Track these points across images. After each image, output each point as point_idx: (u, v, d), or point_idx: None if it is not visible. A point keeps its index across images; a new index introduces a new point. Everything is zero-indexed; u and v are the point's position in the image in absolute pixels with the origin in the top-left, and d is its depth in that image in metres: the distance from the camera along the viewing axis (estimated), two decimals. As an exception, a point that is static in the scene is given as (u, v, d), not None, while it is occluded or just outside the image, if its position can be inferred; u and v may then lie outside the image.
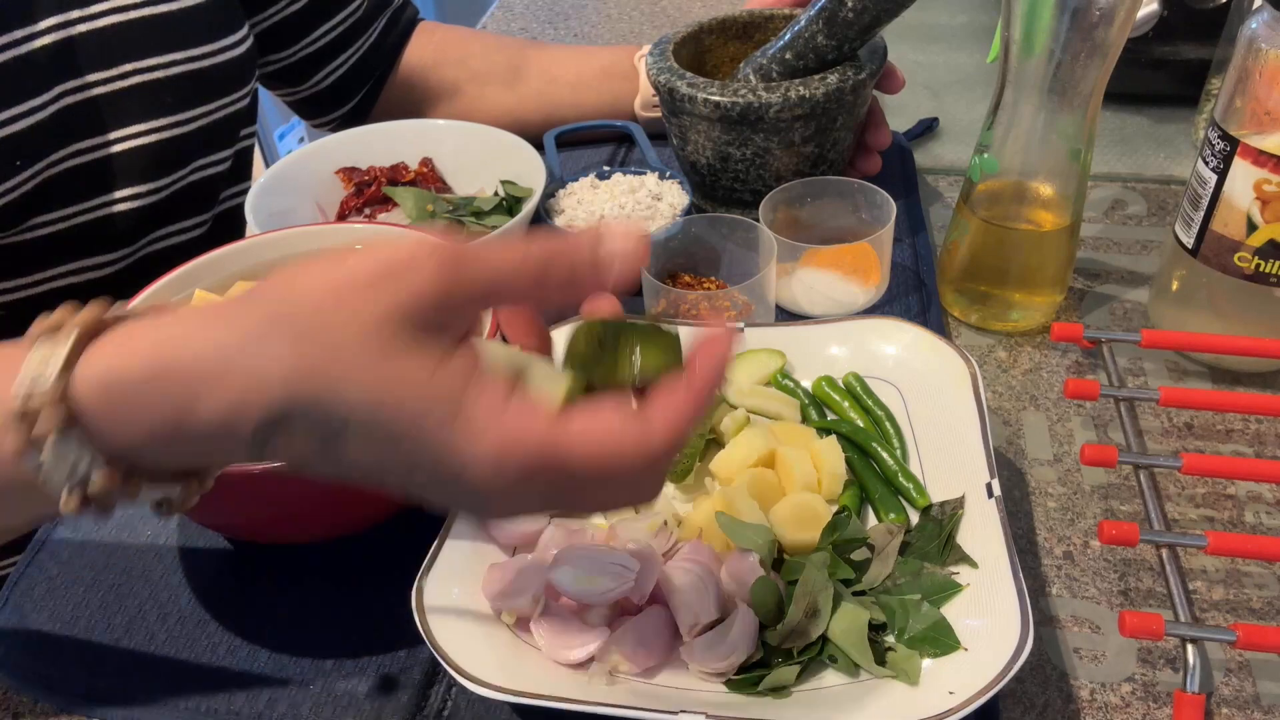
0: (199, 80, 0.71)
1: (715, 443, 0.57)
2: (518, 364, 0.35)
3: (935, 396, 0.57)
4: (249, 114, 0.79)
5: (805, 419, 0.59)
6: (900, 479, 0.54)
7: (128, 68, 0.68)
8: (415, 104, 0.92)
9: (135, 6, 0.68)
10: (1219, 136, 0.58)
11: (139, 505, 0.36)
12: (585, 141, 0.92)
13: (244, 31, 0.75)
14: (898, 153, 0.86)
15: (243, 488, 0.48)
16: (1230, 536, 0.49)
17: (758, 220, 0.68)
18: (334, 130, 0.91)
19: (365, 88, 0.91)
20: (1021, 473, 0.59)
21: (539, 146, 0.80)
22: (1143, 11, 0.84)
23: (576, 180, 0.79)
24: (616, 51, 0.92)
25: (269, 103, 2.27)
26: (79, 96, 0.66)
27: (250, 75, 0.77)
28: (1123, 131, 0.91)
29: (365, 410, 0.31)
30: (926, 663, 0.45)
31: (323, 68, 0.87)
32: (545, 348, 0.40)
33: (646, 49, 0.88)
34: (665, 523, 0.51)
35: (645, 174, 0.79)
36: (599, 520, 0.54)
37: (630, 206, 0.75)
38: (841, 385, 0.60)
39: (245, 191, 0.83)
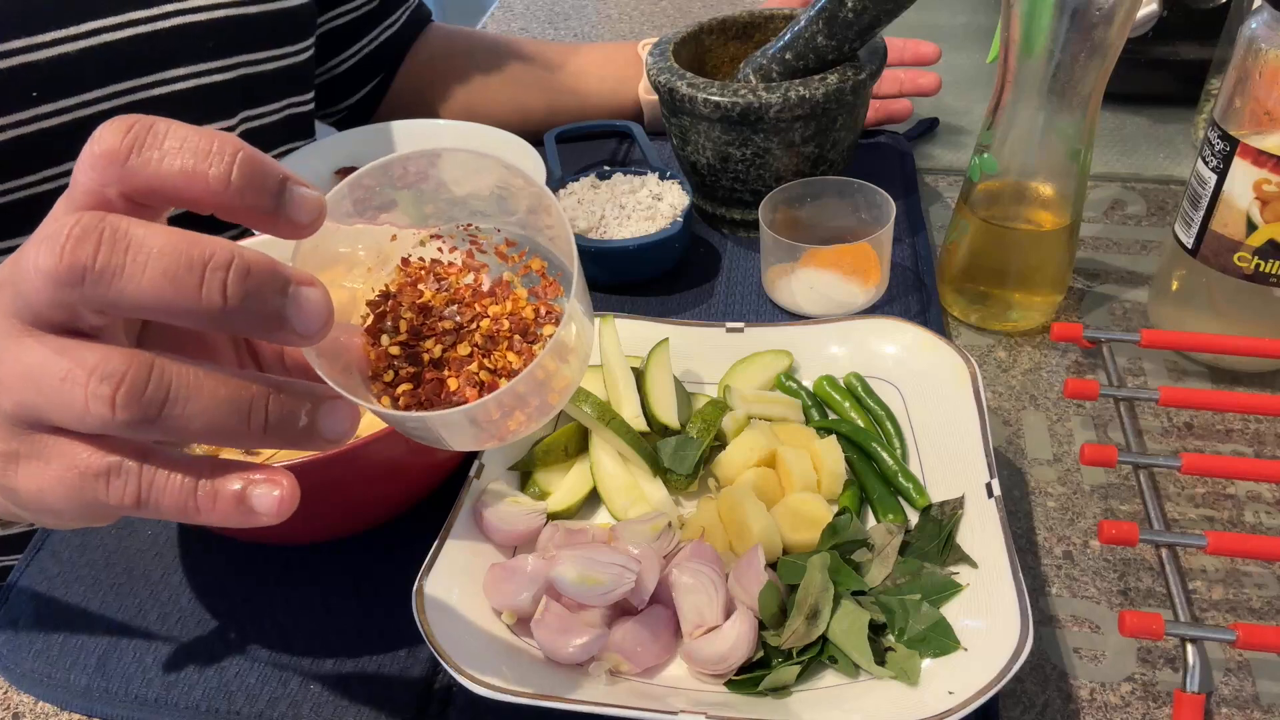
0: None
1: (717, 444, 0.57)
2: None
3: (935, 396, 0.57)
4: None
5: (807, 419, 0.59)
6: (900, 479, 0.54)
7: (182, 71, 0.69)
8: (420, 99, 0.93)
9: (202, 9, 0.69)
10: (1219, 136, 0.58)
11: None
12: (586, 140, 0.92)
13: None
14: (898, 153, 0.86)
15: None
16: (1230, 536, 0.49)
17: (758, 221, 0.68)
18: (338, 125, 0.91)
19: (375, 79, 0.92)
20: (1021, 472, 0.59)
21: (540, 146, 0.80)
22: (1142, 12, 0.84)
23: (577, 180, 0.79)
24: (620, 44, 0.94)
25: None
26: (125, 99, 0.66)
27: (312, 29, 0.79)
28: (1122, 131, 0.91)
29: None
30: (926, 663, 0.45)
31: (338, 53, 0.88)
32: None
33: (650, 41, 0.89)
34: (669, 524, 0.51)
35: (645, 174, 0.79)
36: (600, 520, 0.54)
37: (630, 206, 0.75)
38: (843, 385, 0.60)
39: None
